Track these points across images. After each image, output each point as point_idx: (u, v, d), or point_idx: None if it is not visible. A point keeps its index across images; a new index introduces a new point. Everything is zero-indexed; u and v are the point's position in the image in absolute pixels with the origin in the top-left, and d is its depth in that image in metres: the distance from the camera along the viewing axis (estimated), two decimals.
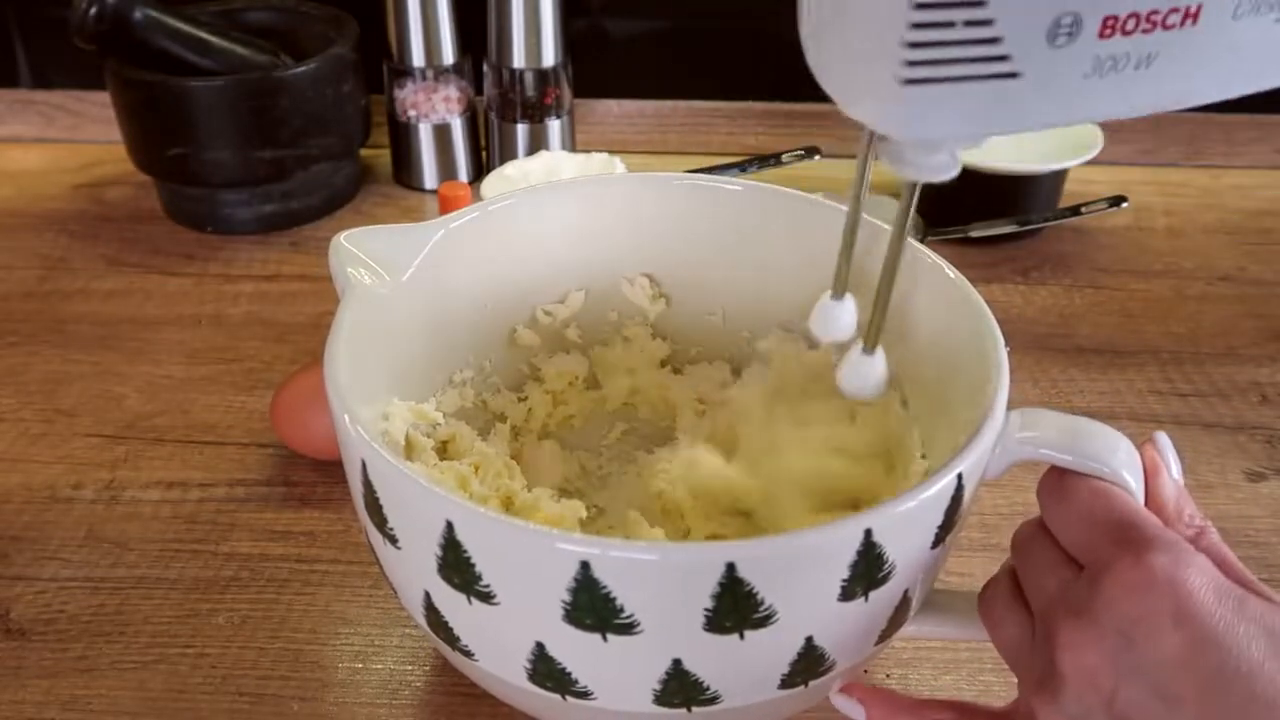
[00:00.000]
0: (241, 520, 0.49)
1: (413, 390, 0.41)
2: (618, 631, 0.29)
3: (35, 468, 0.52)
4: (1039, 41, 0.24)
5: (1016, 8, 0.24)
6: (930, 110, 0.25)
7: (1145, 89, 0.26)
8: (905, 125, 0.26)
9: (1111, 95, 0.26)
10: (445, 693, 0.42)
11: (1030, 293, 0.65)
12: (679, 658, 0.30)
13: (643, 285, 0.47)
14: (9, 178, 0.77)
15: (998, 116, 0.26)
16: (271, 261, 0.68)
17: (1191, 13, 0.25)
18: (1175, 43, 0.25)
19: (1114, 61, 0.25)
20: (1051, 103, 0.25)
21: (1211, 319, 0.63)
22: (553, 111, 0.73)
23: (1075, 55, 0.25)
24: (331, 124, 0.70)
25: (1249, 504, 0.50)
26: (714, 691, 0.31)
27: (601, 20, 0.80)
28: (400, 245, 0.40)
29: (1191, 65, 0.26)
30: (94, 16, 0.63)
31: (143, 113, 0.68)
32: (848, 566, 0.29)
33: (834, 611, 0.30)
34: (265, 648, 0.43)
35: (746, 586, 0.28)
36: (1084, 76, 0.25)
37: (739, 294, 0.47)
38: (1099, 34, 0.24)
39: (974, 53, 0.24)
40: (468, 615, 0.32)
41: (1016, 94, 0.25)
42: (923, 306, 0.40)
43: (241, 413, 0.55)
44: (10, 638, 0.43)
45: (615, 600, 0.29)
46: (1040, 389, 0.57)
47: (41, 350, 0.60)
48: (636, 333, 0.48)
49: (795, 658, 0.31)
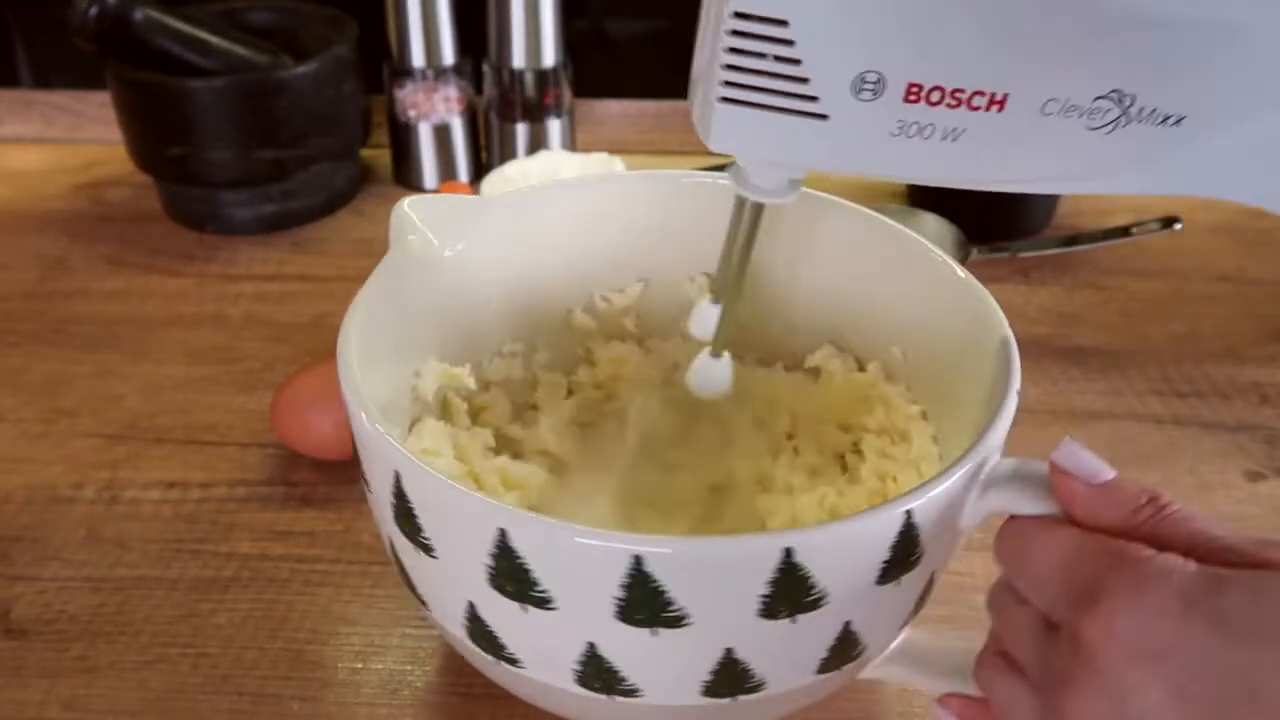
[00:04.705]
0: (241, 520, 0.49)
1: (455, 354, 0.42)
2: (669, 625, 0.29)
3: (35, 468, 0.52)
4: (844, 91, 0.25)
5: (823, 55, 0.25)
6: (741, 130, 0.27)
7: (954, 161, 0.27)
8: (717, 140, 0.28)
9: (919, 158, 0.27)
10: (445, 693, 0.42)
11: (1030, 293, 0.65)
12: (731, 647, 0.30)
13: (702, 284, 0.47)
14: (9, 178, 0.77)
15: (808, 152, 0.27)
16: (271, 261, 0.68)
17: (998, 100, 0.26)
18: (982, 125, 0.26)
19: (919, 128, 0.26)
20: (860, 151, 0.27)
21: (1211, 319, 0.63)
22: (553, 111, 0.73)
23: (880, 112, 0.26)
24: (331, 124, 0.70)
25: (1249, 504, 0.50)
26: (760, 679, 0.31)
27: (601, 20, 0.80)
28: (460, 215, 0.41)
29: (1001, 150, 0.27)
30: (94, 16, 0.63)
31: (143, 113, 0.68)
32: (889, 549, 0.29)
33: (872, 595, 0.31)
34: (265, 648, 0.43)
35: (802, 571, 0.29)
36: (890, 134, 0.26)
37: (797, 304, 0.46)
38: (904, 98, 0.26)
39: (784, 87, 0.26)
40: (519, 623, 0.31)
41: (826, 135, 0.26)
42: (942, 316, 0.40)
43: (241, 413, 0.55)
44: (10, 638, 0.44)
45: (666, 594, 0.29)
46: (1040, 389, 0.57)
47: (41, 350, 0.60)
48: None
49: (834, 641, 0.31)
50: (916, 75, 0.25)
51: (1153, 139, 0.27)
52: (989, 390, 0.34)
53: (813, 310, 0.45)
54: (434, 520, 0.31)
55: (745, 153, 0.28)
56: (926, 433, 0.40)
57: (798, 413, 0.46)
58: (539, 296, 0.46)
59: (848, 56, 0.25)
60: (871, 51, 0.25)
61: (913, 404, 0.41)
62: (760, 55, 0.25)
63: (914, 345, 0.41)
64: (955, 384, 0.38)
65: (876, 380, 0.43)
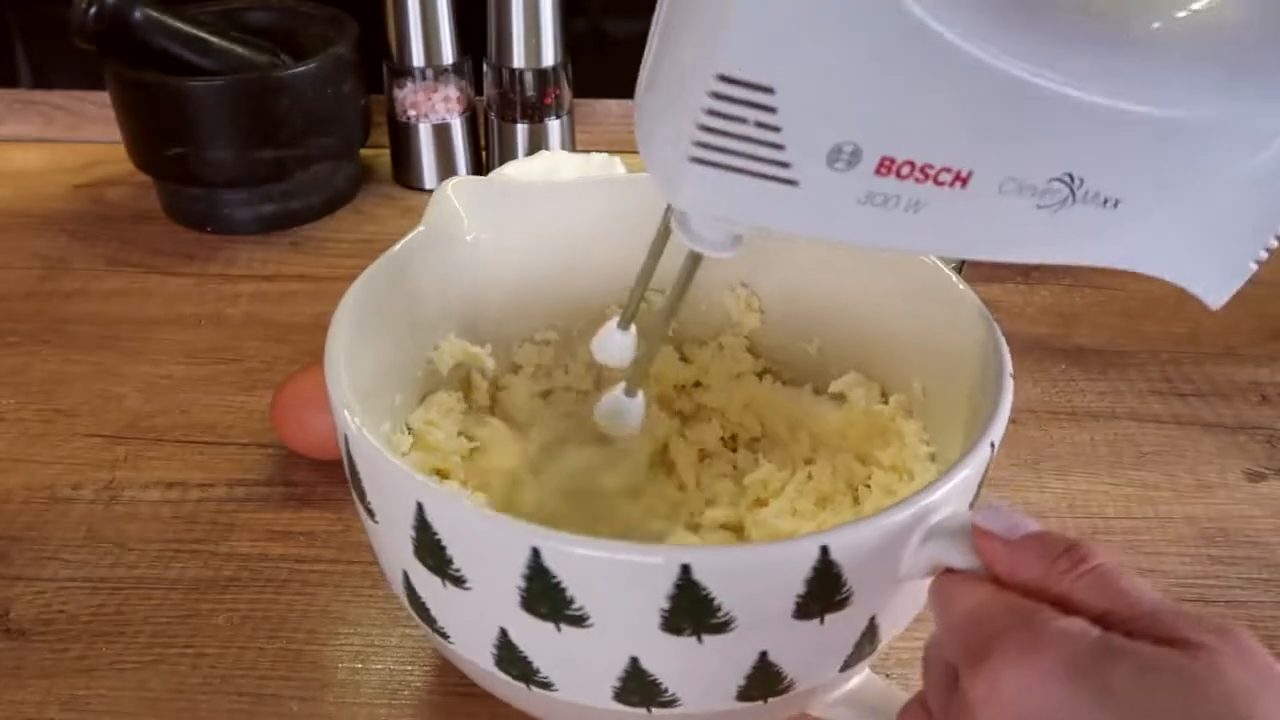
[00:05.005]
0: (241, 520, 0.49)
1: (480, 334, 0.44)
2: (570, 623, 0.30)
3: (35, 468, 0.52)
4: (819, 160, 0.26)
5: (804, 123, 0.25)
6: (707, 190, 0.26)
7: (912, 231, 0.27)
8: (683, 197, 0.27)
9: (880, 227, 0.27)
10: (445, 693, 0.42)
11: (1030, 293, 0.65)
12: (636, 656, 0.30)
13: (740, 294, 0.46)
14: (9, 178, 0.77)
15: (771, 215, 0.27)
16: (271, 261, 0.68)
17: (963, 177, 0.26)
18: (944, 199, 0.27)
19: (884, 198, 0.26)
20: (823, 218, 0.27)
21: (1211, 319, 0.63)
22: (553, 111, 0.73)
23: (850, 182, 0.26)
24: (331, 124, 0.70)
25: (1249, 504, 0.50)
26: (672, 694, 0.31)
27: (601, 20, 0.80)
28: (502, 201, 0.42)
29: (957, 222, 0.27)
30: (94, 16, 0.63)
31: (143, 113, 0.68)
32: (804, 582, 0.29)
33: (789, 628, 0.30)
34: (265, 648, 0.43)
35: (703, 590, 0.28)
36: (857, 203, 0.26)
37: (832, 327, 0.45)
38: (875, 170, 0.26)
39: (758, 152, 0.26)
40: (442, 597, 0.32)
41: (792, 200, 0.26)
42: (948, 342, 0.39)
43: (241, 413, 0.55)
44: (10, 638, 0.43)
45: (566, 591, 0.29)
46: (1040, 389, 0.57)
47: (41, 350, 0.60)
48: (730, 342, 0.47)
49: (751, 669, 0.31)
50: (891, 150, 0.26)
51: (1092, 219, 0.28)
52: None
53: (845, 335, 0.44)
54: (373, 488, 0.32)
55: (709, 210, 0.28)
56: (929, 474, 0.39)
57: (818, 437, 0.45)
58: (578, 289, 0.46)
59: (828, 127, 0.25)
60: (852, 124, 0.25)
61: (924, 444, 0.40)
62: (740, 120, 0.25)
63: (934, 382, 0.41)
64: (965, 426, 0.37)
65: (895, 415, 0.42)
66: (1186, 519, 0.49)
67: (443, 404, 0.43)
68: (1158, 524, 0.49)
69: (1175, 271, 0.32)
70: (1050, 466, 0.52)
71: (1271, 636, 0.44)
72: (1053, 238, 0.28)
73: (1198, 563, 0.47)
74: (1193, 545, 0.48)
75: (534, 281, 0.45)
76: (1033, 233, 0.28)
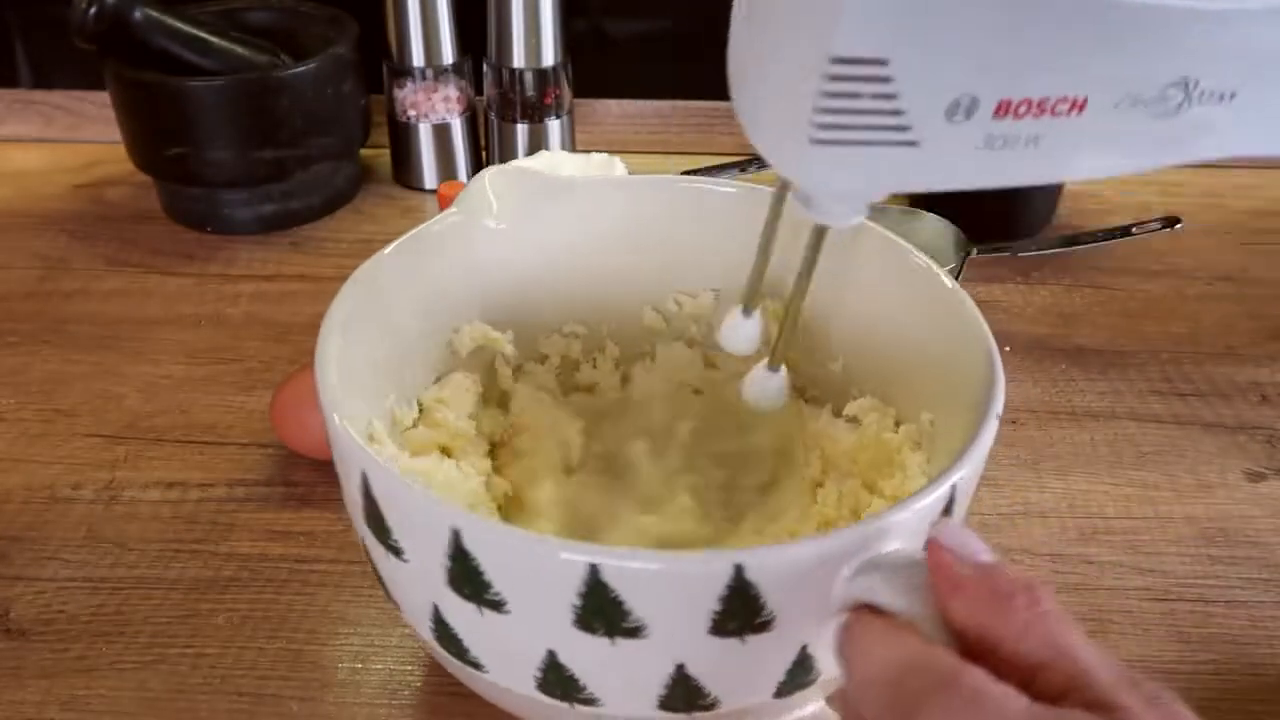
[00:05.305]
0: (241, 520, 0.49)
1: (503, 321, 0.45)
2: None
3: (35, 468, 0.52)
4: (938, 117, 0.26)
5: (920, 85, 0.25)
6: (833, 168, 0.27)
7: (1029, 164, 0.28)
8: (810, 179, 0.28)
9: (998, 167, 0.27)
10: (445, 693, 0.42)
11: (1030, 293, 0.65)
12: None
13: (768, 306, 0.45)
14: (9, 178, 0.77)
15: (894, 178, 0.27)
16: (271, 261, 0.68)
17: (1079, 103, 0.27)
18: (1062, 128, 0.27)
19: (1004, 140, 0.27)
20: (943, 170, 0.27)
21: (1211, 319, 0.63)
22: (553, 111, 0.73)
23: (969, 131, 0.26)
24: (331, 124, 0.70)
25: (1249, 504, 0.50)
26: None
27: (601, 20, 0.80)
28: (540, 192, 0.43)
29: (1073, 147, 0.28)
30: (94, 16, 0.63)
31: (143, 113, 0.68)
32: (719, 599, 0.29)
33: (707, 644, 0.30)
34: (265, 648, 0.43)
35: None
36: (977, 149, 0.27)
37: (857, 347, 0.44)
38: (993, 114, 0.26)
39: (878, 121, 0.26)
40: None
41: (913, 160, 0.27)
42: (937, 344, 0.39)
43: (241, 413, 0.55)
44: (10, 638, 0.43)
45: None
46: (1040, 389, 0.57)
47: (41, 350, 0.60)
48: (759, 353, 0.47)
49: (670, 680, 0.31)
50: (1008, 92, 0.26)
51: (1208, 116, 0.28)
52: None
53: (868, 358, 0.44)
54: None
55: (837, 187, 0.28)
56: None
57: (829, 459, 0.44)
58: (610, 286, 0.46)
59: (944, 84, 0.25)
60: (966, 76, 0.25)
61: (926, 477, 0.39)
62: (856, 96, 0.25)
63: (942, 415, 0.40)
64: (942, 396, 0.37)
65: (903, 445, 0.41)
66: (1186, 519, 0.49)
67: (458, 384, 0.43)
68: (1158, 524, 0.49)
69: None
70: (1050, 466, 0.52)
71: (1272, 636, 0.44)
72: (1169, 141, 0.28)
73: (1198, 563, 0.47)
74: (1193, 545, 0.48)
75: (564, 274, 0.45)
76: (1150, 141, 0.28)
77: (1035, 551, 0.48)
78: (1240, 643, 0.44)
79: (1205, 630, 0.44)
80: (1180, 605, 0.45)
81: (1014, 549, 0.48)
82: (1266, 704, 0.41)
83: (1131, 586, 0.46)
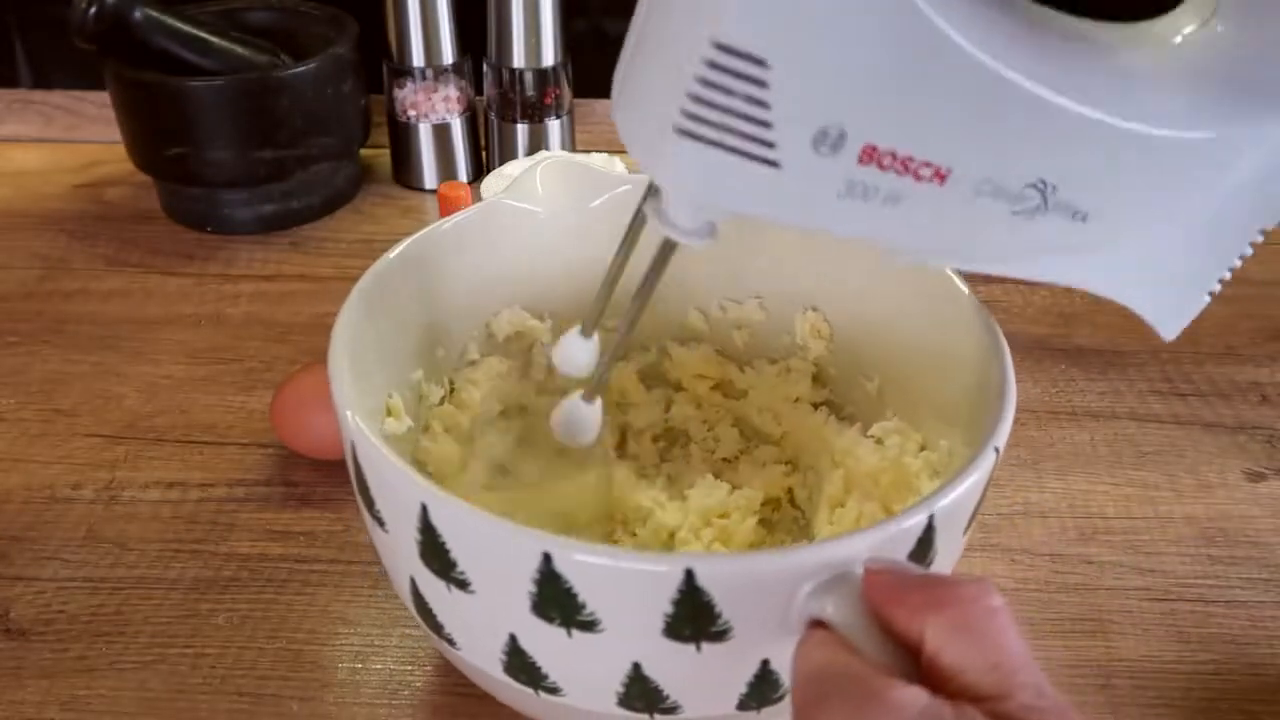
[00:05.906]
0: (241, 520, 0.49)
1: (546, 310, 0.46)
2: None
3: (35, 468, 0.52)
4: (804, 143, 0.25)
5: (793, 100, 0.25)
6: (690, 165, 0.26)
7: (886, 225, 0.27)
8: (664, 171, 0.27)
9: (855, 218, 0.27)
10: (445, 693, 0.42)
11: (1030, 293, 0.65)
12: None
13: (809, 318, 0.46)
14: (9, 178, 0.77)
15: (753, 199, 0.27)
16: (271, 261, 0.68)
17: (941, 174, 0.26)
18: (922, 195, 0.27)
19: (865, 189, 0.26)
20: (803, 204, 0.27)
21: (1211, 319, 0.63)
22: (553, 111, 0.73)
23: (832, 169, 0.26)
24: (331, 124, 0.70)
25: (1249, 504, 0.50)
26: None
27: (601, 20, 0.80)
28: (590, 184, 0.44)
29: (932, 220, 0.27)
30: (94, 16, 0.63)
31: (143, 113, 0.68)
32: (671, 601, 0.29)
33: (660, 646, 0.30)
34: (265, 648, 0.43)
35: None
36: (837, 195, 0.26)
37: (893, 367, 0.43)
38: (858, 158, 0.26)
39: (745, 128, 0.25)
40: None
41: (772, 184, 0.26)
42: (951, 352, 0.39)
43: (241, 413, 0.55)
44: (10, 638, 0.43)
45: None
46: (1040, 389, 0.57)
47: (41, 350, 0.60)
48: (798, 366, 0.47)
49: (626, 678, 0.31)
50: (876, 137, 0.25)
51: (1059, 232, 0.28)
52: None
53: (902, 379, 0.43)
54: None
55: (689, 188, 0.27)
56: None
57: (853, 478, 0.43)
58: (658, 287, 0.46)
59: (817, 107, 0.25)
60: (840, 106, 0.25)
61: None
62: (729, 92, 0.24)
63: (959, 446, 0.39)
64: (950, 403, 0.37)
65: (921, 472, 0.40)
66: (1186, 519, 0.49)
67: (491, 367, 0.44)
68: (1158, 524, 0.49)
69: (1132, 298, 0.33)
70: (1050, 466, 0.52)
71: (1272, 636, 0.44)
72: (1020, 248, 0.29)
73: (1198, 563, 0.47)
74: (1193, 545, 0.48)
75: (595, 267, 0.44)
76: (1002, 240, 0.28)
77: (1035, 551, 0.48)
78: (1240, 643, 0.44)
79: (1205, 630, 0.44)
80: (1180, 605, 0.45)
81: (1014, 549, 0.48)
82: (1266, 704, 0.42)
83: (1131, 586, 0.46)
